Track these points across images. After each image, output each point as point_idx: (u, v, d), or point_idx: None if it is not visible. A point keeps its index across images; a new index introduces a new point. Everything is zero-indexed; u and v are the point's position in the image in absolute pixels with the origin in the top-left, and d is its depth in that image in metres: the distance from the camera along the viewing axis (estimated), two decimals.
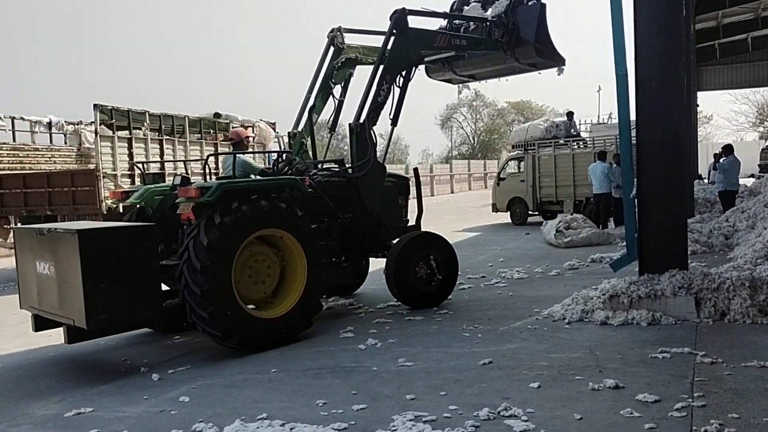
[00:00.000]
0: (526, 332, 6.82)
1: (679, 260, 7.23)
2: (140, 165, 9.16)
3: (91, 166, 14.38)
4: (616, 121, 8.09)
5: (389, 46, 8.45)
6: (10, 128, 15.29)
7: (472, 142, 76.32)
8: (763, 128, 57.36)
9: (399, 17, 8.37)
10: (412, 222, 9.14)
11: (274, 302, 7.05)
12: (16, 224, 13.10)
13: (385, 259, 8.34)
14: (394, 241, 8.65)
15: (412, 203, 9.26)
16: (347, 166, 8.67)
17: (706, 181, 22.89)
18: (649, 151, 7.34)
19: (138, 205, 7.54)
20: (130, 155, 13.50)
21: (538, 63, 10.09)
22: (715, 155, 19.86)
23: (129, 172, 13.50)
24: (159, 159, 14.00)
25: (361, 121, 8.24)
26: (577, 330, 6.77)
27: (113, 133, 13.13)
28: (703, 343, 5.95)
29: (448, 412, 4.62)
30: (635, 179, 7.53)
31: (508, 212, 19.82)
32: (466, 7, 10.24)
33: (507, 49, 9.67)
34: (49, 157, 15.67)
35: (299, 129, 9.28)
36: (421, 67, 10.05)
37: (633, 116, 7.50)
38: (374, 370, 5.82)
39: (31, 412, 5.31)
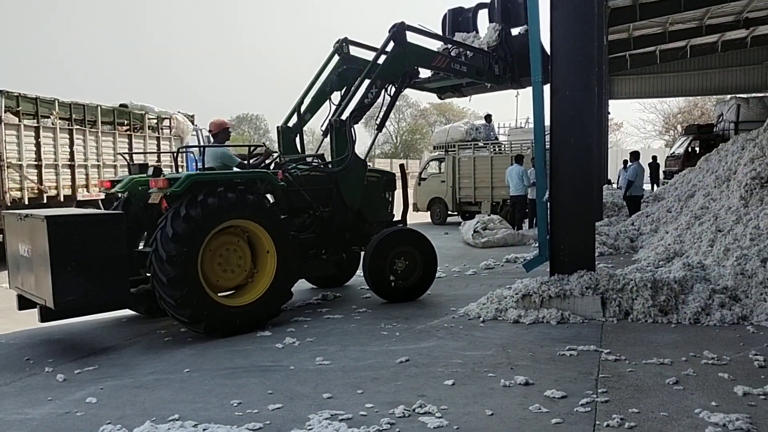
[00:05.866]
0: (442, 330, 6.96)
1: (587, 261, 7.56)
2: (125, 156, 9.58)
3: None
4: (532, 125, 8.36)
5: (385, 56, 8.73)
6: None
7: (395, 141, 76.95)
8: (668, 136, 60.61)
9: (398, 30, 8.67)
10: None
11: (245, 290, 7.38)
12: None
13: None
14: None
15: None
16: (327, 161, 8.91)
17: (615, 185, 23.98)
18: (561, 156, 7.63)
19: (121, 195, 7.84)
20: (37, 145, 12.89)
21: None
22: (624, 161, 20.85)
23: (35, 163, 12.88)
24: (69, 149, 13.62)
25: (343, 118, 8.48)
26: (491, 328, 6.96)
27: (19, 121, 12.47)
28: (607, 341, 6.26)
29: (365, 410, 4.66)
30: (548, 183, 7.81)
31: (428, 212, 20.09)
32: (457, 33, 10.21)
33: (512, 83, 9.88)
34: None
35: (289, 125, 9.35)
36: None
37: (548, 122, 7.77)
38: (291, 369, 5.78)
39: None
